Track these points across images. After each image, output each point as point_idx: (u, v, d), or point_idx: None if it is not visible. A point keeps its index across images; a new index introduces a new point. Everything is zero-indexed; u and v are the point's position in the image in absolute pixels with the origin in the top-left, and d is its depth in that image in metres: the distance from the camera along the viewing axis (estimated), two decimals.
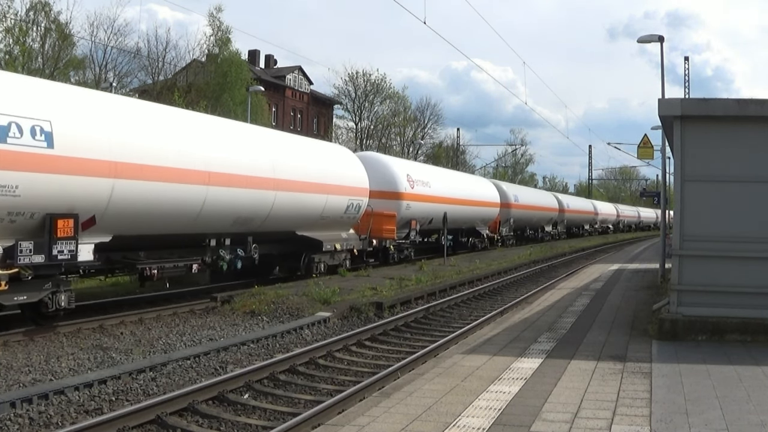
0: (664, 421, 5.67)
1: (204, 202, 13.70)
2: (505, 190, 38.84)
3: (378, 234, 22.13)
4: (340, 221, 19.69)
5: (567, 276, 22.22)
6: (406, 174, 24.95)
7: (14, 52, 32.55)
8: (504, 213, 37.02)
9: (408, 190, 24.42)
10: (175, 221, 13.34)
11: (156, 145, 12.75)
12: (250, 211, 15.41)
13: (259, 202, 15.65)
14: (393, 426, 5.57)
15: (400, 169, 25.17)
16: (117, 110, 12.61)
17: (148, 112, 13.83)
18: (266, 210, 15.94)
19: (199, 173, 13.54)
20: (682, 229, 9.70)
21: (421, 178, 26.02)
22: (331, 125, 62.44)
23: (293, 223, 17.59)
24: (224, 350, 10.45)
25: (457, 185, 30.68)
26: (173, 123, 14.06)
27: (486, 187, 35.57)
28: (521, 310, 13.20)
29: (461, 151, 72.70)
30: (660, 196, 22.97)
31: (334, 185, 18.82)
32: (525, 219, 41.98)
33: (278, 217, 16.44)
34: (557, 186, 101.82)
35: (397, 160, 28.02)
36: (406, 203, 24.30)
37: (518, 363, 7.93)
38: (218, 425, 7.19)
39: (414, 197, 24.78)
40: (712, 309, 9.45)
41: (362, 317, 14.00)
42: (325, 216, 18.56)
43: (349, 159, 21.42)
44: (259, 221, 15.91)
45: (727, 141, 9.67)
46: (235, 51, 41.64)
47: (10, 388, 8.15)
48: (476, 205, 31.98)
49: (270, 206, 15.94)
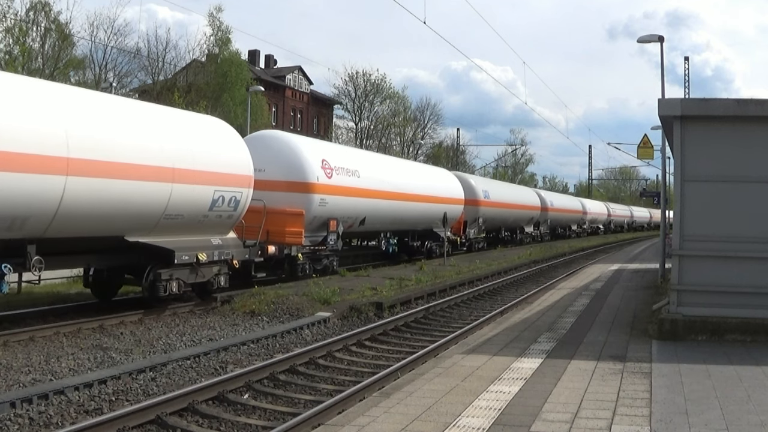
0: (664, 421, 5.67)
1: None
2: (473, 184, 32.85)
3: (278, 238, 16.88)
4: (206, 222, 14.12)
5: (567, 276, 22.22)
6: (320, 159, 18.94)
7: (14, 52, 32.60)
8: (471, 211, 31.32)
9: (322, 181, 18.56)
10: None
11: None
12: (23, 209, 10.26)
13: (40, 194, 10.39)
14: (393, 426, 5.57)
15: (311, 153, 18.93)
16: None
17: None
18: (51, 205, 10.63)
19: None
20: (682, 229, 9.70)
21: (344, 166, 20.01)
22: (331, 125, 62.49)
23: (114, 225, 12.17)
24: (224, 350, 10.45)
25: (402, 176, 24.40)
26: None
27: (446, 180, 29.45)
28: (521, 310, 13.20)
29: (461, 151, 72.74)
30: (660, 196, 22.96)
31: (188, 170, 13.16)
32: (499, 218, 36.58)
33: (78, 215, 11.16)
34: (557, 186, 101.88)
35: (307, 141, 20.84)
36: (320, 197, 18.47)
37: (518, 363, 7.93)
38: (218, 425, 7.19)
39: (332, 190, 18.96)
40: (712, 309, 9.46)
41: (362, 317, 14.00)
42: (172, 214, 13.01)
43: (222, 133, 15.28)
44: (41, 222, 10.70)
45: (727, 141, 9.67)
46: (235, 51, 41.77)
47: (10, 388, 8.15)
48: (432, 202, 26.12)
49: (58, 199, 10.66)
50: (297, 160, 18.28)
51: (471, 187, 31.94)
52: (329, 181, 18.95)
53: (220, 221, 14.66)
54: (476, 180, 35.36)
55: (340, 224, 19.40)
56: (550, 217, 47.48)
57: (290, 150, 18.51)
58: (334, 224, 19.20)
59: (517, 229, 41.54)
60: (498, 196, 35.73)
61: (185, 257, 13.40)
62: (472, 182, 33.02)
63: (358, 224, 20.91)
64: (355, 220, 20.59)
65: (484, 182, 37.48)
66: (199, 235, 14.18)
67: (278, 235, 16.88)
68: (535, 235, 44.88)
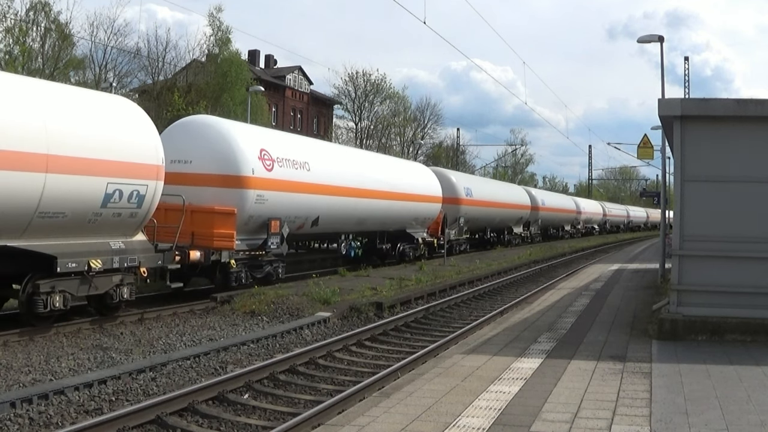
0: (664, 421, 5.67)
1: None
2: (453, 181, 30.09)
3: (205, 242, 14.49)
4: (101, 221, 11.71)
5: (567, 276, 22.22)
6: (257, 148, 16.14)
7: (14, 52, 32.58)
8: (451, 210, 28.36)
9: (260, 174, 15.85)
10: None
11: None
12: None
13: None
14: (393, 426, 5.57)
15: (247, 141, 16.06)
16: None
17: None
18: None
19: None
20: (682, 229, 9.70)
21: (290, 157, 17.17)
22: (331, 125, 62.47)
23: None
24: (224, 350, 10.46)
25: (366, 170, 21.41)
26: None
27: (422, 176, 26.48)
28: (521, 310, 13.20)
29: (461, 152, 72.75)
30: (660, 196, 22.96)
31: (69, 158, 10.84)
32: (483, 218, 33.68)
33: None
34: (557, 186, 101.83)
35: (243, 127, 17.99)
36: (256, 193, 15.68)
37: (518, 363, 7.93)
38: (218, 425, 7.19)
39: (272, 185, 16.22)
40: (712, 309, 9.46)
41: (362, 317, 14.00)
42: (49, 212, 10.70)
43: (123, 115, 12.58)
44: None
45: (727, 141, 9.67)
46: (235, 51, 41.69)
47: (10, 388, 8.15)
48: (404, 200, 23.22)
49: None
50: (228, 150, 15.41)
51: (451, 183, 29.57)
52: (269, 175, 16.16)
53: (120, 221, 12.02)
54: (457, 176, 32.47)
55: (285, 225, 16.74)
56: (542, 216, 44.72)
57: (221, 138, 15.64)
58: (277, 225, 16.41)
59: (505, 230, 39.13)
60: (482, 194, 33.04)
61: (72, 264, 11.09)
62: (452, 179, 30.43)
63: (311, 225, 18.22)
64: (305, 221, 17.90)
65: (467, 179, 34.51)
66: (92, 237, 11.68)
67: (205, 238, 14.49)
68: (524, 236, 42.42)
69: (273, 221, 16.32)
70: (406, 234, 24.96)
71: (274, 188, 16.32)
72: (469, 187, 31.42)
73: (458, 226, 29.74)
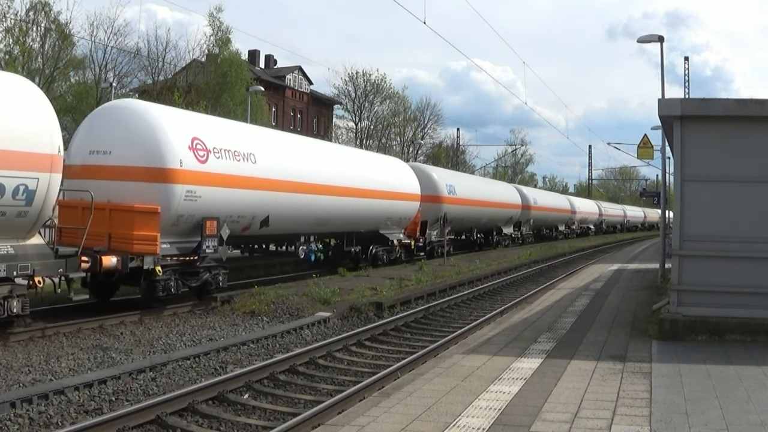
0: (664, 421, 5.67)
1: None
2: (434, 178, 27.85)
3: (123, 246, 12.57)
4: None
5: (567, 276, 22.23)
6: (188, 137, 13.81)
7: (14, 52, 32.63)
8: (431, 209, 26.49)
9: (190, 166, 13.53)
10: None
11: None
12: None
13: None
14: (393, 426, 5.57)
15: (175, 128, 13.73)
16: None
17: None
18: None
19: None
20: (682, 229, 9.71)
21: (231, 147, 14.84)
22: (331, 125, 62.50)
23: None
24: (224, 350, 10.45)
25: (326, 164, 18.89)
26: None
27: (397, 172, 24.14)
28: (521, 310, 13.20)
29: (461, 151, 72.77)
30: (660, 196, 22.96)
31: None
32: (469, 218, 31.37)
33: None
34: (557, 186, 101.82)
35: (171, 112, 15.28)
36: (185, 189, 13.41)
37: (518, 363, 7.93)
38: (218, 425, 7.19)
39: (207, 179, 13.90)
40: (712, 309, 9.46)
41: (362, 317, 14.00)
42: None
43: (5, 93, 10.61)
44: None
45: (727, 141, 9.68)
46: (235, 51, 41.75)
47: (10, 388, 8.15)
48: (374, 197, 20.97)
49: None
50: (152, 138, 13.19)
51: (431, 180, 27.35)
52: (202, 167, 13.82)
53: (5, 221, 10.24)
54: (439, 173, 30.06)
55: (225, 226, 14.48)
56: (534, 216, 42.07)
57: (144, 124, 13.36)
58: (213, 226, 14.14)
59: (494, 230, 36.97)
60: (467, 191, 30.50)
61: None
62: (433, 175, 28.14)
63: (260, 226, 16.01)
64: (252, 220, 15.67)
65: (450, 175, 31.91)
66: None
67: (123, 241, 12.56)
68: (515, 236, 40.16)
69: (209, 221, 14.01)
70: (380, 235, 22.87)
71: (209, 183, 13.97)
72: (452, 185, 29.23)
73: (440, 226, 27.26)
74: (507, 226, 38.55)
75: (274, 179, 15.96)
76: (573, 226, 53.45)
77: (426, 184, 26.18)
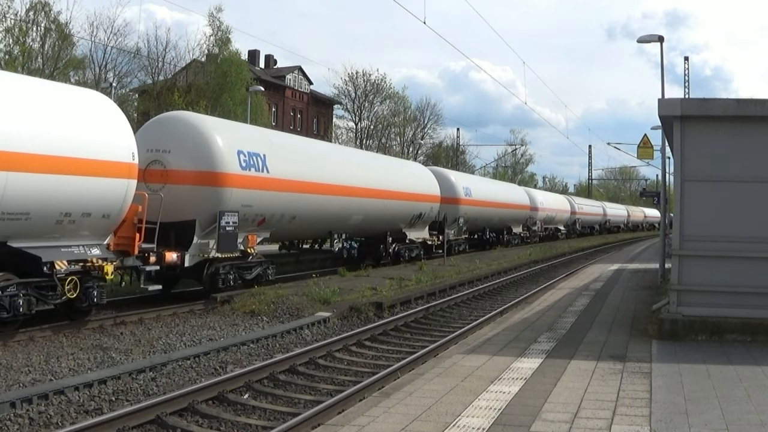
0: (664, 421, 5.67)
1: None
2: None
3: None
4: None
5: (567, 276, 22.22)
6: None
7: (14, 52, 32.60)
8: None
9: None
10: None
11: None
12: None
13: None
14: (393, 426, 5.57)
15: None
16: None
17: None
18: None
19: None
20: (681, 229, 9.71)
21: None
22: (331, 125, 62.47)
23: None
24: (224, 350, 10.45)
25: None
26: None
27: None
28: (521, 310, 13.20)
29: (461, 151, 72.75)
30: (660, 196, 22.96)
31: None
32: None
33: None
34: (557, 186, 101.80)
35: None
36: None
37: (518, 363, 7.93)
38: (218, 425, 7.20)
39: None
40: (712, 309, 9.46)
41: (362, 317, 14.00)
42: None
43: None
44: None
45: (727, 141, 9.68)
46: (235, 51, 41.73)
47: (10, 388, 8.15)
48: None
49: None
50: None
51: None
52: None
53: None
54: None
55: None
56: (468, 214, 34.06)
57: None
58: None
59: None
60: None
61: None
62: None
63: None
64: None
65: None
66: None
67: None
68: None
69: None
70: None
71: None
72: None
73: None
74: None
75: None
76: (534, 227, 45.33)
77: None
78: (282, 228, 17.37)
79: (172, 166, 14.15)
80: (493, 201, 34.20)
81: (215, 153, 14.54)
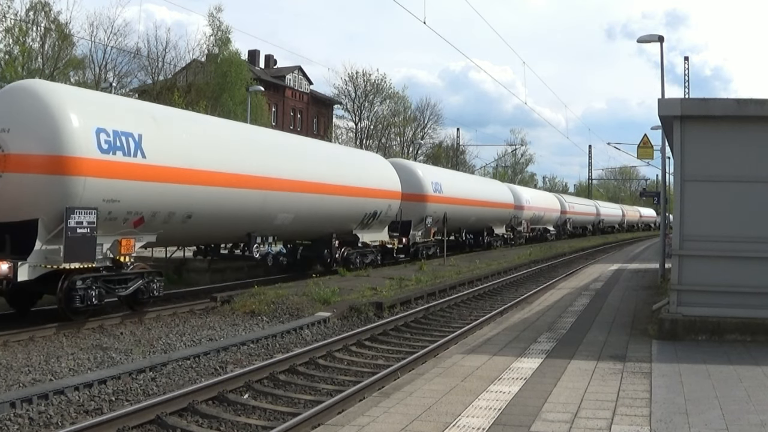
0: (664, 421, 5.67)
1: None
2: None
3: None
4: None
5: (567, 276, 22.22)
6: None
7: (14, 52, 32.61)
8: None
9: None
10: None
11: None
12: None
13: None
14: (393, 426, 5.57)
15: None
16: None
17: None
18: None
19: None
20: (681, 229, 9.70)
21: None
22: (331, 125, 62.46)
23: None
24: (224, 350, 10.45)
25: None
26: None
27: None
28: (521, 310, 13.20)
29: (461, 151, 72.74)
30: (660, 196, 22.95)
31: None
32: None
33: None
34: (557, 186, 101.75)
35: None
36: None
37: (518, 363, 7.93)
38: (218, 425, 7.19)
39: None
40: (712, 309, 9.46)
41: (362, 317, 14.00)
42: None
43: None
44: None
45: (727, 141, 9.67)
46: (235, 51, 41.75)
47: (10, 388, 8.15)
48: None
49: None
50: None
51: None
52: None
53: None
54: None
55: None
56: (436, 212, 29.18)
57: None
58: None
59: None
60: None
61: None
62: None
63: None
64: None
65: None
66: None
67: None
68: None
69: None
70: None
71: None
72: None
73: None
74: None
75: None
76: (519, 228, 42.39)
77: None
78: (174, 230, 13.79)
79: (10, 150, 11.17)
80: (469, 198, 30.35)
81: (63, 131, 11.27)
